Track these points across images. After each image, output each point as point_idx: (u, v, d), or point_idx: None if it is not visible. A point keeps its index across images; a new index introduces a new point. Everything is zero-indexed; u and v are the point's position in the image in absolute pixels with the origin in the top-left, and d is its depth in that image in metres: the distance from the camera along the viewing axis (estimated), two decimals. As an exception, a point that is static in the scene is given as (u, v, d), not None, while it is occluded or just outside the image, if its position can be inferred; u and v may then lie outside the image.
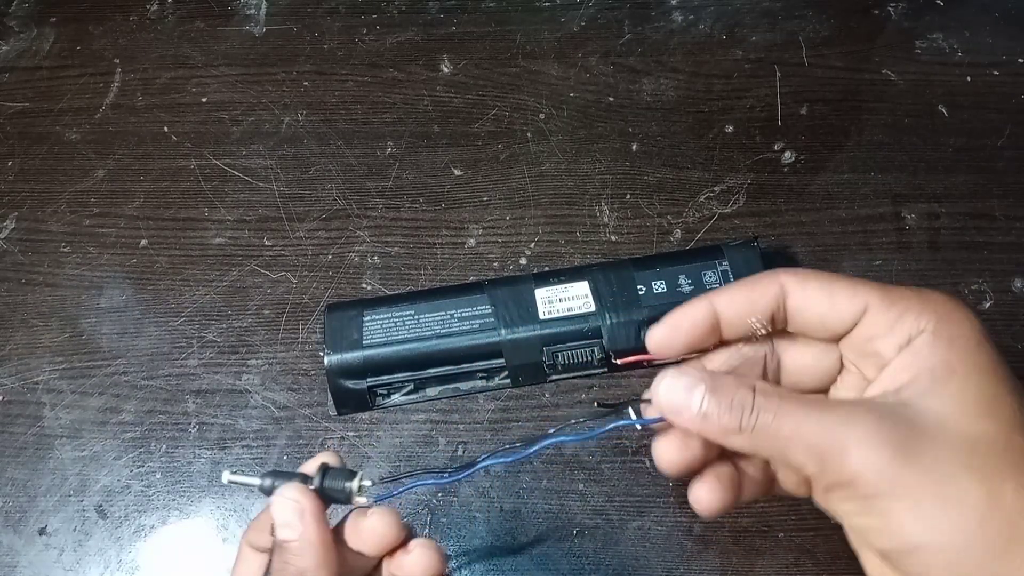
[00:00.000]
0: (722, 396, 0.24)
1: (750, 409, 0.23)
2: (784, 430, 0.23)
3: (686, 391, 0.24)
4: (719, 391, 0.24)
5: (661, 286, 0.38)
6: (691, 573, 0.36)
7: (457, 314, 0.38)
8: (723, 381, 0.24)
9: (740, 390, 0.23)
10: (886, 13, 0.52)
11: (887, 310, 0.24)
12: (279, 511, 0.25)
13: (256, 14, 0.55)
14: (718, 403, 0.24)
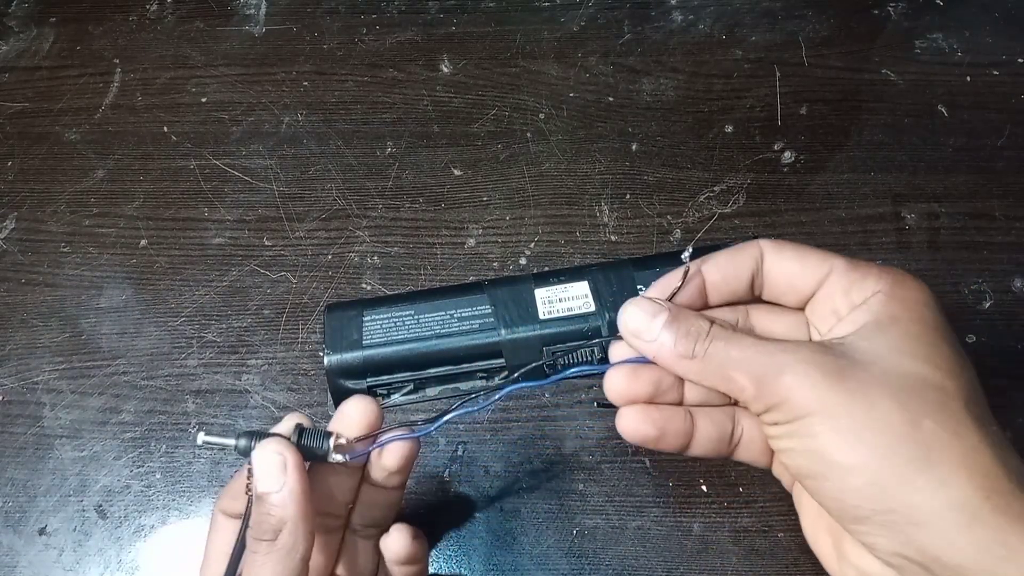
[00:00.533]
0: (680, 324, 0.26)
1: (704, 336, 0.25)
2: (732, 355, 0.24)
3: (648, 316, 0.26)
4: (678, 319, 0.26)
5: None
6: (691, 573, 0.36)
7: (457, 314, 0.38)
8: (683, 312, 0.26)
9: (698, 320, 0.26)
10: (886, 13, 0.52)
11: (849, 273, 0.25)
12: (263, 463, 0.26)
13: (256, 14, 0.55)
14: (675, 329, 0.25)
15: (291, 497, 0.25)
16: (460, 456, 0.39)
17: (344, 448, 0.29)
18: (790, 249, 0.26)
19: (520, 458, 0.39)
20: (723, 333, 0.25)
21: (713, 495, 0.37)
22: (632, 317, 0.26)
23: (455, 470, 0.39)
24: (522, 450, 0.39)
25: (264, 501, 0.26)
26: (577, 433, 0.39)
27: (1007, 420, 0.38)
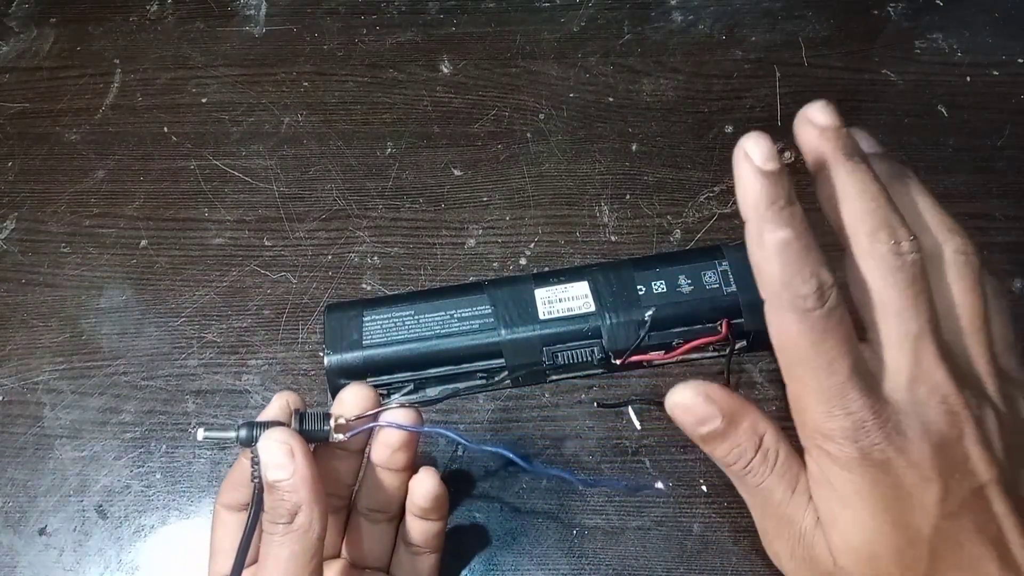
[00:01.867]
0: (726, 440, 0.26)
1: (746, 463, 0.25)
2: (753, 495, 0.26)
3: (696, 421, 0.26)
4: (728, 434, 0.26)
5: (661, 286, 0.38)
6: (691, 573, 0.36)
7: (457, 314, 0.38)
8: (735, 427, 0.26)
9: (745, 443, 0.26)
10: (886, 13, 0.52)
11: None
12: (271, 453, 0.27)
13: (256, 14, 0.55)
14: (721, 445, 0.26)
15: (302, 481, 0.26)
16: (460, 456, 0.39)
17: (344, 428, 0.30)
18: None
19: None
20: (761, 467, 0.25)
21: (713, 495, 0.37)
22: (680, 409, 0.26)
23: (455, 470, 0.39)
24: (522, 450, 0.39)
25: (276, 488, 0.26)
26: (577, 433, 0.39)
27: (1007, 420, 0.38)
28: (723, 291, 0.37)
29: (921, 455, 0.23)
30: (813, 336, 0.22)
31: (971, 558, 0.23)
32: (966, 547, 0.23)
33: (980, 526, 0.23)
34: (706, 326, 0.37)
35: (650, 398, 0.39)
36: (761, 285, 0.23)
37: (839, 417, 0.23)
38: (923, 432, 0.23)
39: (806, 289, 0.22)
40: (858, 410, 0.22)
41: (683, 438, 0.38)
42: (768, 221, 0.22)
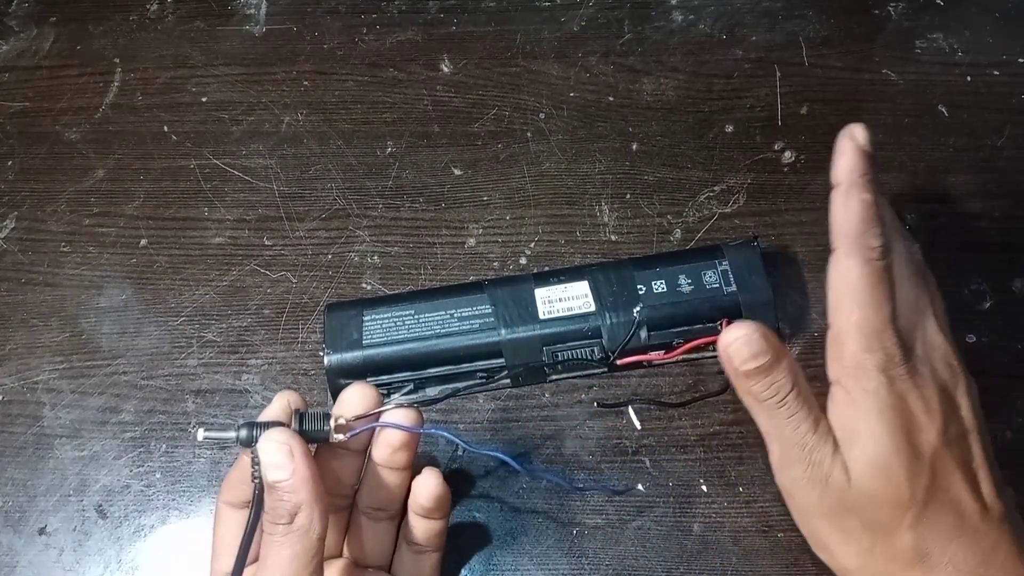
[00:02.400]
0: (769, 374, 0.29)
1: (783, 397, 0.29)
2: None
3: (751, 354, 0.29)
4: (772, 369, 0.29)
5: (661, 286, 0.38)
6: (691, 573, 0.36)
7: (457, 314, 0.38)
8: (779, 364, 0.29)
9: (784, 379, 0.29)
10: (886, 13, 0.52)
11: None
12: (270, 454, 0.27)
13: (256, 14, 0.55)
14: (763, 380, 0.29)
15: (302, 482, 0.27)
16: (460, 456, 0.39)
17: (344, 428, 0.30)
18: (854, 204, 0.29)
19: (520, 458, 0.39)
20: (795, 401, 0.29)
21: (713, 495, 0.37)
22: (736, 346, 0.30)
23: (455, 470, 0.39)
24: (522, 450, 0.39)
25: (276, 489, 0.27)
26: (577, 433, 0.39)
27: (1007, 420, 0.38)
28: (723, 291, 0.37)
29: (930, 393, 0.29)
30: (872, 279, 0.28)
31: (955, 484, 0.28)
32: (954, 474, 0.28)
33: (962, 461, 0.29)
34: (706, 326, 0.37)
35: (650, 398, 0.39)
36: (839, 235, 0.29)
37: (876, 351, 0.28)
38: (932, 377, 0.29)
39: (875, 243, 0.28)
40: (891, 347, 0.28)
41: (683, 438, 0.39)
42: (857, 185, 0.29)
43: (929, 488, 0.28)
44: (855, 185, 0.29)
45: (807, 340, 0.40)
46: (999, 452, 0.37)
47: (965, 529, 0.28)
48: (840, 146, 0.30)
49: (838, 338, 0.29)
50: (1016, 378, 0.39)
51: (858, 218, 0.29)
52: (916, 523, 0.28)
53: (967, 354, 0.40)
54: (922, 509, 0.28)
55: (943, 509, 0.28)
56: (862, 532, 0.29)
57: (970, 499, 0.28)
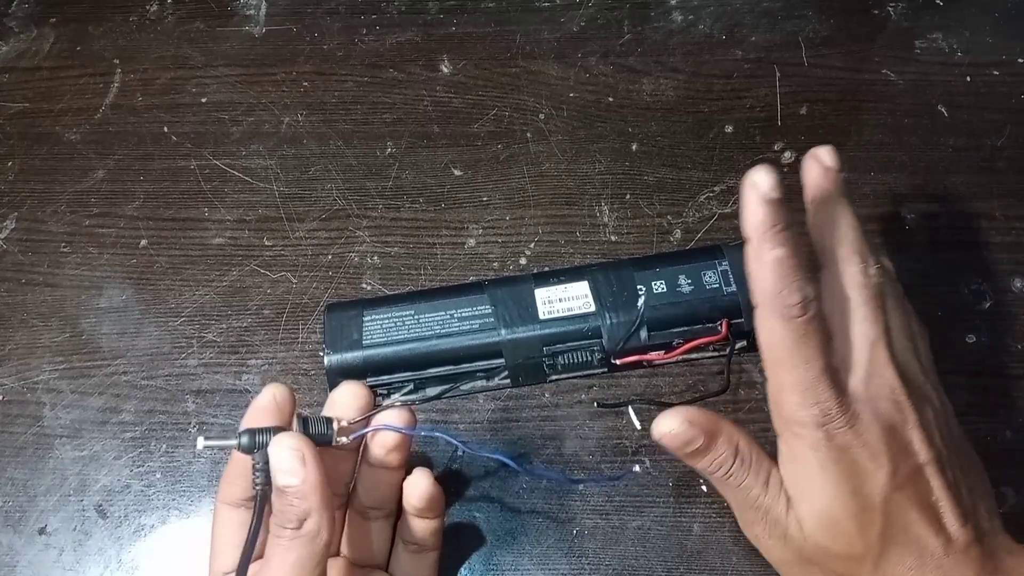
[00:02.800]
0: (708, 453, 0.30)
1: (727, 470, 0.30)
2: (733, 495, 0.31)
3: (682, 444, 0.30)
4: (709, 448, 0.30)
5: (661, 286, 0.38)
6: (691, 573, 0.36)
7: (457, 314, 0.38)
8: (714, 441, 0.30)
9: (724, 452, 0.30)
10: (886, 13, 0.52)
11: None
12: (282, 459, 0.27)
13: (256, 14, 0.55)
14: (704, 459, 0.30)
15: (312, 488, 0.27)
16: (460, 456, 0.39)
17: (346, 431, 0.30)
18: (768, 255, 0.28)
19: (520, 458, 0.39)
20: (740, 470, 0.30)
21: (713, 495, 0.37)
22: (667, 439, 0.30)
23: (455, 470, 0.39)
24: (522, 450, 0.39)
25: (285, 493, 0.27)
26: (577, 433, 0.39)
27: (1007, 420, 0.38)
28: (723, 291, 0.37)
29: (874, 438, 0.28)
30: (795, 338, 0.27)
31: (913, 523, 0.27)
32: (909, 514, 0.27)
33: (920, 498, 0.28)
34: (706, 326, 0.37)
35: (650, 398, 0.39)
36: (755, 294, 0.28)
37: (810, 406, 0.27)
38: (875, 419, 0.28)
39: (793, 299, 0.27)
40: (826, 400, 0.27)
41: (683, 438, 0.38)
42: (767, 240, 0.27)
43: (883, 535, 0.27)
44: (764, 240, 0.27)
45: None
46: (999, 452, 0.37)
47: (927, 568, 0.27)
48: (744, 198, 0.28)
49: (775, 395, 0.29)
50: (1016, 378, 0.39)
51: (772, 276, 0.27)
52: (875, 570, 0.28)
53: (967, 354, 0.40)
54: (879, 556, 0.28)
55: (901, 551, 0.28)
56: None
57: (931, 535, 0.28)
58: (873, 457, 0.28)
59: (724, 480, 0.30)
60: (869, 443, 0.28)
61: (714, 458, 0.30)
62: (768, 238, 0.27)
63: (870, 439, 0.28)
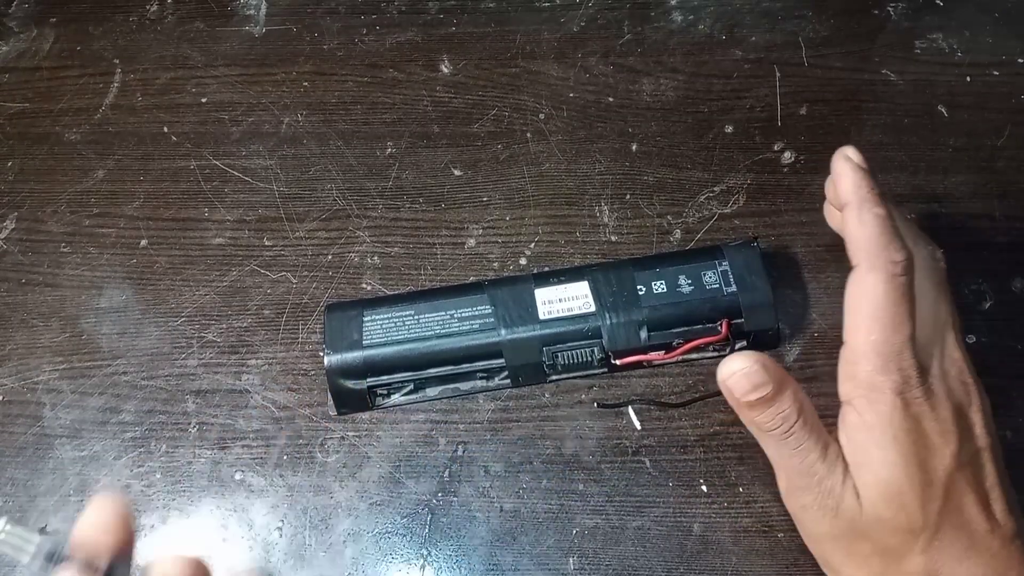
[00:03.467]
0: (772, 405, 0.29)
1: (789, 426, 0.29)
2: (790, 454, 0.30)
3: (752, 386, 0.29)
4: (775, 400, 0.29)
5: (661, 286, 0.38)
6: (691, 573, 0.36)
7: (457, 314, 0.38)
8: (781, 394, 0.29)
9: (788, 408, 0.29)
10: (886, 13, 0.52)
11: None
12: None
13: (256, 14, 0.55)
14: (767, 411, 0.29)
15: None
16: (460, 456, 0.39)
17: None
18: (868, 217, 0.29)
19: (520, 458, 0.39)
20: (802, 431, 0.29)
21: (713, 495, 0.37)
22: (735, 379, 0.29)
23: (455, 470, 0.39)
24: (522, 450, 0.39)
25: None
26: (577, 433, 0.39)
27: (1007, 420, 0.38)
28: (723, 291, 0.37)
29: (945, 414, 0.28)
30: (895, 296, 0.28)
31: (968, 505, 0.28)
32: (966, 496, 0.28)
33: (977, 481, 0.28)
34: (706, 326, 0.37)
35: (650, 398, 0.39)
36: (857, 251, 0.29)
37: (892, 372, 0.27)
38: (948, 396, 0.28)
39: (899, 256, 0.28)
40: (908, 368, 0.28)
41: (683, 438, 0.39)
42: (868, 201, 0.29)
43: (941, 512, 0.27)
44: (866, 200, 0.29)
45: (806, 340, 0.40)
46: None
47: (977, 550, 0.28)
48: (838, 168, 0.30)
49: (853, 357, 0.29)
50: (1016, 378, 0.39)
51: (877, 232, 0.28)
52: (928, 547, 0.28)
53: (968, 354, 0.40)
54: (934, 533, 0.28)
55: (955, 531, 0.28)
56: (873, 557, 0.29)
57: (982, 519, 0.28)
58: (943, 433, 0.28)
59: (783, 439, 0.29)
60: (941, 418, 0.28)
61: (778, 411, 0.29)
62: (870, 198, 0.28)
63: (942, 414, 0.28)
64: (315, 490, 0.39)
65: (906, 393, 0.28)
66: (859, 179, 0.29)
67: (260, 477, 0.39)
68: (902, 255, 0.28)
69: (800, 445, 0.29)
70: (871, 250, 0.28)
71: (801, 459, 0.29)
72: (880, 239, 0.28)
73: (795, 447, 0.29)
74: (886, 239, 0.28)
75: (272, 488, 0.39)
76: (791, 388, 0.29)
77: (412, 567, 0.37)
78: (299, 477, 0.39)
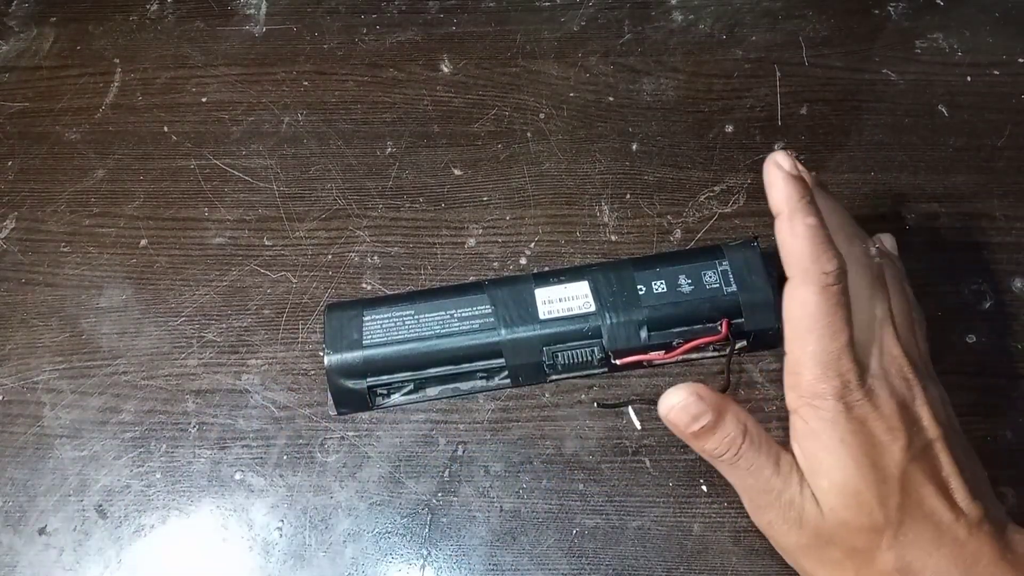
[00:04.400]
0: (716, 432, 0.30)
1: (736, 449, 0.30)
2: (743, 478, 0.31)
3: (691, 418, 0.30)
4: (717, 426, 0.30)
5: (661, 286, 0.38)
6: (691, 573, 0.36)
7: (457, 314, 0.38)
8: (723, 419, 0.30)
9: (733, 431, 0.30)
10: (886, 13, 0.52)
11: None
12: None
13: (256, 14, 0.55)
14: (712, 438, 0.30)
15: None
16: (460, 456, 0.39)
17: None
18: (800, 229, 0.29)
19: (520, 458, 0.39)
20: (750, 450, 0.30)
21: (713, 495, 0.37)
22: (672, 412, 0.31)
23: (455, 470, 0.39)
24: (522, 450, 0.39)
25: None
26: (577, 433, 0.39)
27: (1007, 420, 0.38)
28: (723, 291, 0.37)
29: (889, 412, 0.28)
30: (828, 307, 0.28)
31: (928, 497, 0.28)
32: (924, 488, 0.28)
33: (933, 472, 0.29)
34: (706, 326, 0.37)
35: (650, 398, 0.39)
36: (790, 264, 0.29)
37: (832, 378, 0.28)
38: (889, 394, 0.29)
39: (831, 266, 0.28)
40: (847, 372, 0.28)
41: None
42: (799, 211, 0.29)
43: (901, 507, 0.28)
44: (797, 211, 0.29)
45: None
46: (999, 452, 0.37)
47: (944, 540, 0.28)
48: (769, 177, 0.30)
49: (794, 368, 0.29)
50: (1016, 378, 0.39)
51: (808, 244, 0.28)
52: (893, 543, 0.28)
53: (967, 354, 0.40)
54: (897, 528, 0.28)
55: (919, 524, 0.28)
56: (845, 561, 0.29)
57: (945, 509, 0.28)
58: (889, 430, 0.28)
59: (734, 462, 0.30)
60: (885, 416, 0.28)
61: (723, 437, 0.30)
62: (800, 208, 0.29)
63: (886, 412, 0.28)
64: (315, 490, 0.39)
65: (847, 397, 0.28)
66: (790, 189, 0.29)
67: (260, 477, 0.39)
68: (833, 264, 0.28)
69: (751, 465, 0.30)
70: (802, 263, 0.28)
71: (755, 478, 0.30)
72: (811, 251, 0.28)
73: (747, 467, 0.30)
74: (818, 250, 0.28)
75: (272, 488, 0.39)
76: (731, 411, 0.30)
77: (412, 567, 0.37)
78: (299, 477, 0.39)
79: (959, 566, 0.28)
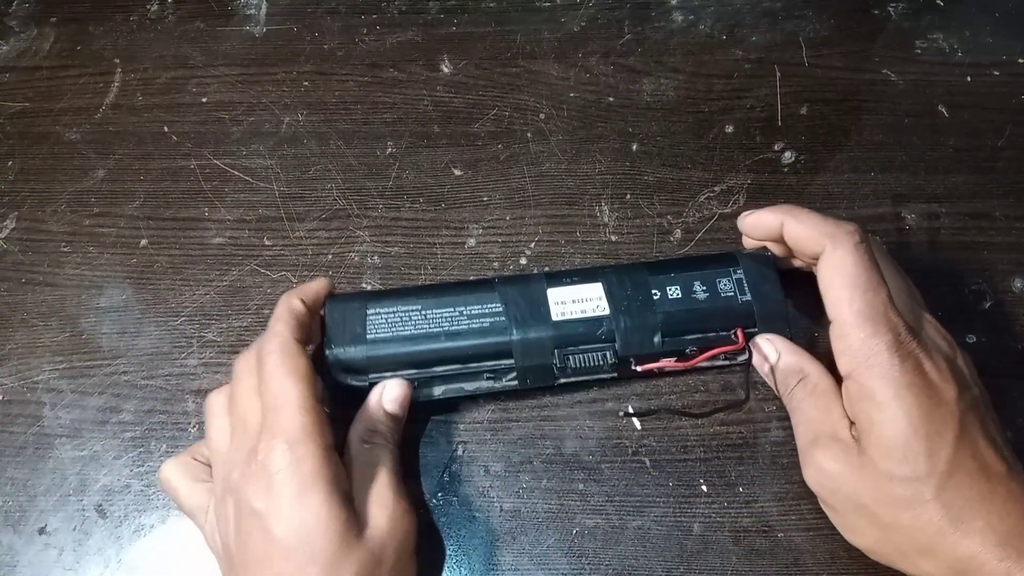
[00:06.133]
0: (779, 372, 0.35)
1: (789, 389, 0.35)
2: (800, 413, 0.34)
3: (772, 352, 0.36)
4: (781, 369, 0.35)
5: (676, 291, 0.37)
6: (691, 573, 0.36)
7: (466, 311, 0.37)
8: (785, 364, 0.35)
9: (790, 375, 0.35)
10: (886, 13, 0.52)
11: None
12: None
13: (256, 14, 0.55)
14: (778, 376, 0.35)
15: None
16: (460, 456, 0.39)
17: None
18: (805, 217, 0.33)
19: (520, 458, 0.39)
20: (801, 393, 0.34)
21: (713, 495, 0.37)
22: (767, 348, 0.36)
23: (455, 470, 0.39)
24: (522, 450, 0.39)
25: None
26: (577, 433, 0.39)
27: (1007, 420, 0.38)
28: (738, 299, 0.37)
29: (941, 363, 0.30)
30: (864, 262, 0.30)
31: (979, 447, 0.29)
32: (976, 439, 0.29)
33: (982, 425, 0.29)
34: (720, 334, 0.37)
35: (679, 409, 0.39)
36: (818, 240, 0.31)
37: (884, 332, 0.29)
38: (937, 348, 0.30)
39: (852, 227, 0.31)
40: (897, 323, 0.29)
41: (683, 438, 0.39)
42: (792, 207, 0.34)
43: (951, 459, 0.28)
44: (790, 208, 0.33)
45: (807, 341, 0.40)
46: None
47: (997, 492, 0.28)
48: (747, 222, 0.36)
49: (842, 331, 0.30)
50: (1016, 378, 0.39)
51: (820, 219, 0.31)
52: (940, 492, 0.28)
53: (968, 354, 0.40)
54: (946, 479, 0.28)
55: (970, 474, 0.28)
56: (893, 510, 0.29)
57: (996, 460, 0.29)
58: (943, 380, 0.29)
59: (805, 399, 0.33)
60: (938, 364, 0.29)
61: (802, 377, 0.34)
62: (789, 207, 0.33)
63: (938, 361, 0.30)
64: (315, 490, 0.39)
65: (900, 349, 0.29)
66: (771, 209, 0.34)
67: (260, 477, 0.39)
68: (853, 225, 0.31)
69: (822, 406, 0.32)
70: (826, 231, 0.31)
71: (821, 415, 0.32)
72: (827, 221, 0.31)
73: (815, 408, 0.33)
74: (832, 220, 0.31)
75: (272, 488, 0.39)
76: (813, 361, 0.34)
77: (412, 567, 0.37)
78: (299, 477, 0.39)
79: (1011, 515, 0.28)
